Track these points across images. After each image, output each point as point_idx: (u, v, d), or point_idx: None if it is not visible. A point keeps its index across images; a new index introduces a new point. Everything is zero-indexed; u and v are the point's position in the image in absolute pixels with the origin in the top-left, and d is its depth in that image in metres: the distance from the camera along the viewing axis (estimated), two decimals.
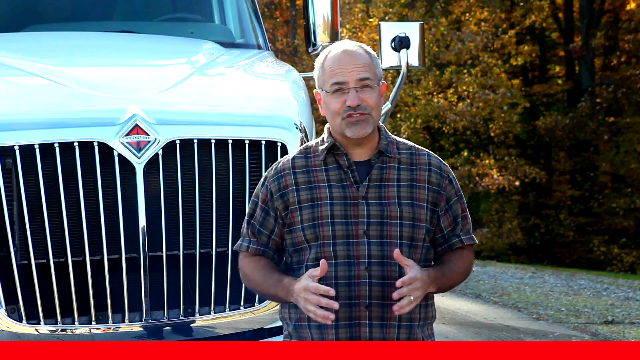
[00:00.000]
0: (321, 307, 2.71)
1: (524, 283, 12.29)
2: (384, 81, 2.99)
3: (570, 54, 22.83)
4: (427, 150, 3.03)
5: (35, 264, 3.49)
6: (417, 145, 3.02)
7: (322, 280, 2.80)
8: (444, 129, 21.16)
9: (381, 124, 3.01)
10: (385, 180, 2.90)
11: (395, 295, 2.73)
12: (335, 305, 2.71)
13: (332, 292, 2.70)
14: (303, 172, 2.94)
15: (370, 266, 2.83)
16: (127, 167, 3.57)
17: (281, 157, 3.80)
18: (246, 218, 3.05)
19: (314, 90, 3.04)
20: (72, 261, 3.51)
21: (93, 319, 3.57)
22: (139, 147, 3.57)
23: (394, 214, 2.86)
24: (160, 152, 3.60)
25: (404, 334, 2.86)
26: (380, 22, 5.45)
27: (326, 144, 2.94)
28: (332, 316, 2.71)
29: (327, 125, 3.00)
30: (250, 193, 3.76)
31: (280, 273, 2.93)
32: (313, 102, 3.70)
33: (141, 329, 3.63)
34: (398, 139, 3.02)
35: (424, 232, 2.90)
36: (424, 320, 2.92)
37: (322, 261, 2.74)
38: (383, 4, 21.39)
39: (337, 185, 2.89)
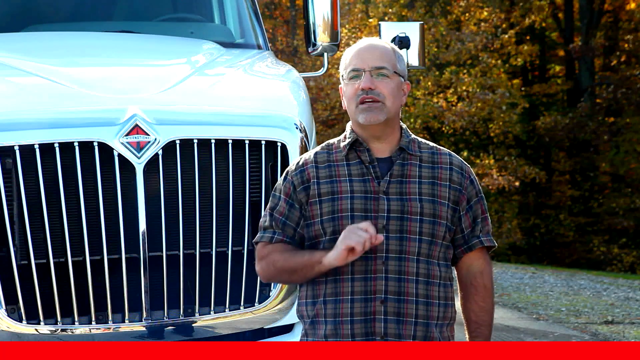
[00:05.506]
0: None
1: (524, 283, 12.30)
2: (408, 81, 3.02)
3: (570, 54, 22.84)
4: (448, 150, 3.04)
5: (35, 264, 3.48)
6: (438, 146, 3.03)
7: (339, 275, 2.83)
8: (443, 129, 21.16)
9: (403, 124, 3.02)
10: (407, 176, 2.90)
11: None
12: (380, 238, 2.74)
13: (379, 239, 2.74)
14: (325, 167, 2.94)
15: (387, 261, 2.83)
16: (127, 167, 3.56)
17: (281, 157, 3.82)
18: (267, 211, 3.00)
19: (339, 86, 3.06)
20: (72, 261, 3.50)
21: (93, 319, 3.56)
22: (139, 147, 3.57)
23: (415, 210, 2.85)
24: (160, 152, 3.60)
25: (421, 331, 2.85)
26: (380, 22, 5.45)
27: (349, 140, 2.95)
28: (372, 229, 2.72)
29: (349, 123, 3.02)
30: (251, 193, 3.77)
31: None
32: (313, 102, 3.71)
33: (141, 329, 3.63)
34: (420, 139, 3.03)
35: (445, 230, 2.89)
36: (442, 320, 2.91)
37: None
38: (383, 4, 21.39)
39: (359, 179, 2.89)
